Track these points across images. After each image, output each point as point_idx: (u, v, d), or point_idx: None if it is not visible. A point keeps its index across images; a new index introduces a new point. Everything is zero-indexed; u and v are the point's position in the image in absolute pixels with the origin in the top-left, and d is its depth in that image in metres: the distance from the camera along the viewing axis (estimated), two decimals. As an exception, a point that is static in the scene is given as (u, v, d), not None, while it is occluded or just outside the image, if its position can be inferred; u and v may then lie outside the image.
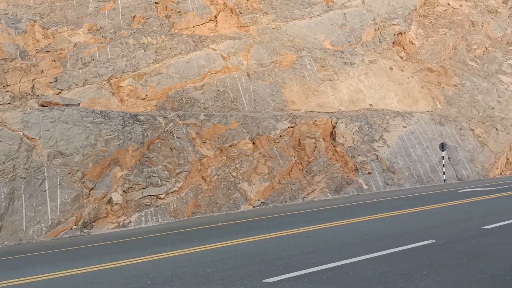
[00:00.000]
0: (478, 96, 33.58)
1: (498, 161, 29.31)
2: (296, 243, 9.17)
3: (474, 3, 45.19)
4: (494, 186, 19.67)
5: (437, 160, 26.10)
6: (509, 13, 46.68)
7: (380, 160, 24.79)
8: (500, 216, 10.48)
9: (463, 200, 14.71)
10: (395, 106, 29.73)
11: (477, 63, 38.15)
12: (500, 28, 44.39)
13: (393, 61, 33.22)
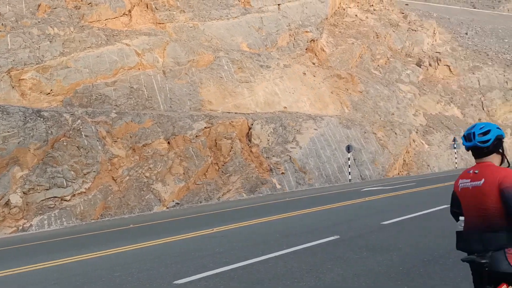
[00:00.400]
0: (380, 103, 36.39)
1: (396, 162, 32.02)
2: (210, 243, 9.19)
3: (378, 16, 48.97)
4: (393, 185, 21.47)
5: (343, 161, 27.80)
6: (408, 27, 51.37)
7: (293, 161, 25.76)
8: (397, 212, 11.48)
9: (365, 198, 15.85)
10: (308, 110, 31.10)
11: (380, 72, 41.37)
12: (400, 41, 48.62)
13: (306, 66, 34.72)
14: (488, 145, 2.83)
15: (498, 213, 2.72)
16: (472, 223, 2.85)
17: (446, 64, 48.63)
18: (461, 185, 2.96)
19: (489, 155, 2.86)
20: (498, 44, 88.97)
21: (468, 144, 2.90)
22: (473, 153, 2.93)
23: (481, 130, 2.84)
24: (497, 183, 2.70)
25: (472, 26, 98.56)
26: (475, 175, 2.86)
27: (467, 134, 2.92)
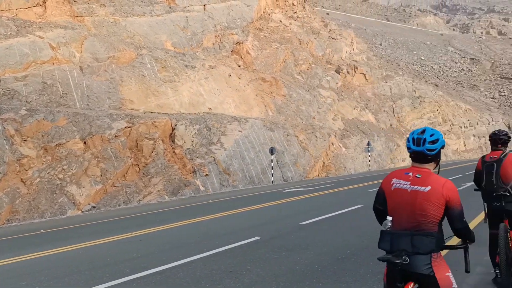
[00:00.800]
0: (302, 107, 37.71)
1: (316, 164, 33.36)
2: (128, 248, 8.83)
3: (301, 23, 50.74)
4: (313, 186, 22.32)
5: (267, 163, 28.35)
6: (329, 35, 53.86)
7: (217, 163, 25.72)
8: (315, 213, 11.94)
9: (287, 199, 16.29)
10: (232, 111, 31.26)
11: (302, 77, 42.88)
12: (321, 48, 50.81)
13: (231, 68, 34.90)
14: (434, 153, 2.93)
15: (436, 220, 2.83)
16: (403, 224, 2.87)
17: (362, 72, 51.73)
18: (395, 185, 2.96)
19: (430, 162, 2.96)
20: (408, 56, 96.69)
21: (416, 148, 2.92)
22: (416, 157, 2.96)
23: (432, 138, 2.91)
24: (441, 192, 2.81)
25: (386, 37, 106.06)
26: (417, 179, 2.89)
27: (417, 139, 2.92)
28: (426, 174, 2.90)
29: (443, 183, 2.85)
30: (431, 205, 2.80)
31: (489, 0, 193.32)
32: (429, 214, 2.81)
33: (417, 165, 2.98)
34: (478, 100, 75.66)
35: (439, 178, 2.89)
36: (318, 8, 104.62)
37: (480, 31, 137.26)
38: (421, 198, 2.82)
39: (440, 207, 2.82)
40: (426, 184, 2.85)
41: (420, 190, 2.84)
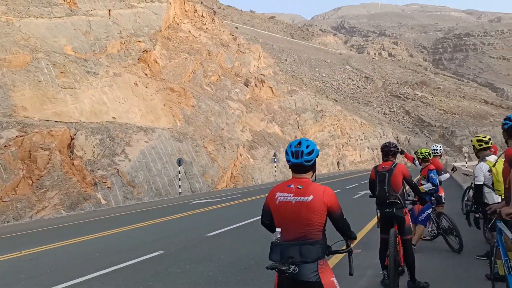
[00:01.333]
0: (211, 118, 37.85)
1: (225, 175, 33.61)
2: (16, 268, 8.04)
3: (210, 35, 51.14)
4: (220, 197, 22.42)
5: (174, 174, 27.85)
6: (237, 49, 55.01)
7: (121, 175, 24.62)
8: (221, 224, 12.00)
9: (193, 211, 16.14)
10: (139, 121, 30.27)
11: (212, 88, 43.12)
12: (230, 60, 51.67)
13: (138, 76, 33.85)
14: (312, 163, 3.13)
15: (320, 227, 2.99)
16: (291, 235, 2.98)
17: (269, 86, 53.62)
18: (280, 199, 3.08)
19: (309, 172, 3.15)
20: (311, 72, 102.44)
21: (295, 161, 3.09)
22: (295, 169, 3.13)
23: (308, 149, 3.10)
24: (322, 200, 2.99)
25: (291, 54, 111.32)
26: (299, 190, 3.02)
27: (295, 152, 3.09)
28: (306, 184, 3.09)
29: (322, 190, 3.06)
30: (315, 213, 2.97)
31: (381, 25, 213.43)
32: (314, 223, 2.98)
33: (297, 176, 3.16)
34: (371, 115, 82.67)
35: (319, 186, 3.09)
36: (227, 21, 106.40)
37: (373, 52, 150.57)
38: (305, 208, 2.97)
39: (323, 213, 3.02)
40: (308, 194, 3.02)
41: (304, 200, 3.00)
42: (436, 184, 7.57)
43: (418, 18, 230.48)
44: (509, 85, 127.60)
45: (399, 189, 5.63)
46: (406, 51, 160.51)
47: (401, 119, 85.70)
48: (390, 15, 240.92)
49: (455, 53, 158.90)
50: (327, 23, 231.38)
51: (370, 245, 7.89)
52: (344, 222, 3.15)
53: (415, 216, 7.39)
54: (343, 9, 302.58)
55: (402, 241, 5.61)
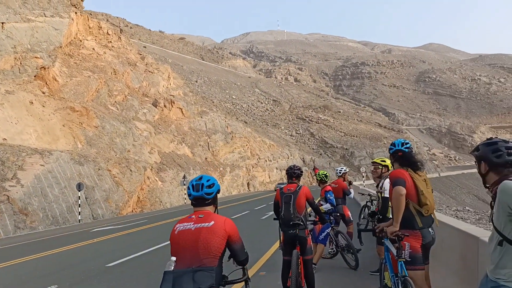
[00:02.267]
0: (116, 139, 36.20)
1: (130, 200, 32.14)
2: None
3: (116, 53, 49.43)
4: (125, 223, 21.32)
5: (74, 200, 25.93)
6: (145, 68, 53.79)
7: (12, 202, 22.30)
8: (124, 252, 11.37)
9: (94, 239, 15.11)
10: (33, 143, 27.87)
11: (117, 108, 41.42)
12: (137, 80, 50.27)
13: (34, 95, 31.33)
14: (212, 196, 3.26)
15: (217, 253, 3.02)
16: (186, 262, 2.98)
17: (179, 107, 53.04)
18: (179, 228, 3.11)
19: (209, 205, 3.27)
20: (221, 94, 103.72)
21: (196, 193, 3.21)
22: (196, 202, 3.24)
23: (208, 183, 3.23)
24: (223, 227, 3.08)
25: (201, 75, 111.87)
26: (200, 218, 3.11)
27: (195, 185, 3.22)
28: (208, 214, 3.20)
29: (224, 219, 3.17)
30: (215, 237, 3.03)
31: (287, 51, 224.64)
32: (212, 247, 3.01)
33: (199, 209, 3.26)
34: (279, 137, 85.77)
35: (220, 216, 3.21)
36: (135, 40, 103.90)
37: (280, 77, 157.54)
38: (205, 232, 3.03)
39: (223, 240, 3.07)
40: (210, 220, 3.11)
41: (204, 226, 3.07)
42: (334, 204, 8.01)
43: (320, 46, 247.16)
44: (399, 110, 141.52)
45: (302, 210, 5.85)
46: (310, 77, 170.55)
47: (307, 140, 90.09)
48: (295, 42, 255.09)
49: (353, 80, 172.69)
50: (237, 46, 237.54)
51: (275, 267, 8.02)
52: (246, 255, 3.25)
53: (316, 235, 7.71)
54: (251, 34, 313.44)
55: (303, 262, 5.79)
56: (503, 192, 2.69)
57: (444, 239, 5.64)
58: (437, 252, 5.57)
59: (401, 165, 4.64)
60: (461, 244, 5.10)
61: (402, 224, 4.35)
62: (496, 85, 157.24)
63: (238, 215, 20.26)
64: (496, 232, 2.75)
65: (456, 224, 5.63)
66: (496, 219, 2.76)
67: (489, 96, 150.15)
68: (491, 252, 2.81)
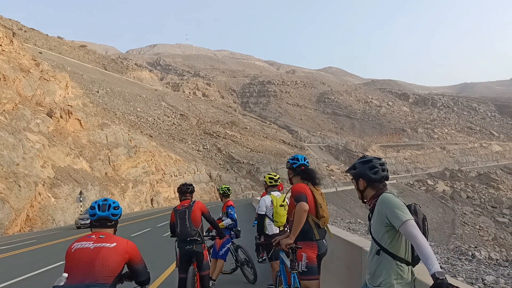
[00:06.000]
0: (3, 151, 32.78)
1: (18, 218, 29.21)
2: None
3: (7, 57, 45.17)
4: (11, 244, 19.29)
5: None
6: (40, 75, 49.76)
7: None
8: (8, 276, 10.26)
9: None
10: None
11: (6, 117, 37.64)
12: (31, 88, 46.27)
13: None
14: (116, 218, 3.34)
15: (114, 273, 3.03)
16: (79, 278, 2.95)
17: (77, 118, 49.79)
18: (76, 246, 3.10)
19: (111, 228, 3.30)
20: (125, 106, 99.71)
21: (102, 213, 3.25)
22: (99, 223, 3.24)
23: (114, 204, 3.34)
24: (125, 249, 3.13)
25: (103, 85, 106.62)
26: (101, 239, 3.12)
27: (102, 205, 3.27)
28: (109, 235, 3.22)
29: (126, 241, 3.22)
30: (115, 257, 3.05)
31: (195, 66, 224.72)
32: (110, 266, 3.01)
33: (98, 230, 3.26)
34: (186, 151, 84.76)
35: (122, 238, 3.24)
36: (30, 45, 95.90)
37: (188, 91, 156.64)
38: (105, 251, 3.04)
39: (122, 261, 3.10)
40: (112, 241, 3.13)
41: (106, 246, 3.08)
42: (234, 219, 8.13)
43: (228, 63, 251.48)
44: (302, 128, 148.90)
45: (198, 225, 5.87)
46: (218, 93, 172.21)
47: (214, 156, 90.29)
48: (203, 57, 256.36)
49: (259, 97, 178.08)
50: (143, 58, 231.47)
51: (173, 285, 7.85)
52: (148, 274, 3.31)
53: (216, 251, 7.74)
54: (159, 46, 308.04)
55: (200, 277, 5.78)
56: (383, 203, 2.98)
57: (334, 250, 6.03)
58: (327, 263, 5.93)
59: (302, 179, 4.79)
60: (347, 254, 5.47)
61: (299, 236, 4.49)
62: (385, 108, 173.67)
63: (139, 233, 19.51)
64: (374, 242, 3.04)
65: (344, 236, 6.04)
66: (374, 230, 3.04)
67: (379, 117, 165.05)
68: (368, 262, 3.09)
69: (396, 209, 2.89)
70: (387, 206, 2.94)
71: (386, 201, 2.97)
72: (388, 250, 2.94)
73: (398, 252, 2.94)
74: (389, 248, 2.94)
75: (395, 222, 2.86)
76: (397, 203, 2.93)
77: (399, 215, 2.85)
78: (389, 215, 2.90)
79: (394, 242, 2.94)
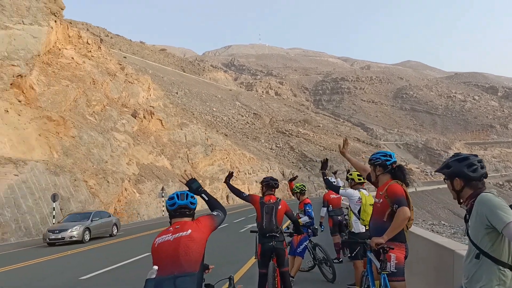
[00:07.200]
0: (94, 150, 35.58)
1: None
2: None
3: (96, 62, 48.90)
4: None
5: (48, 211, 25.27)
6: (125, 78, 53.31)
7: (-18, 212, 21.59)
8: (98, 265, 11.10)
9: (67, 252, 14.72)
10: (7, 152, 27.15)
11: (95, 118, 40.82)
12: (117, 90, 49.73)
13: (9, 103, 30.60)
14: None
15: (198, 257, 3.11)
16: (168, 270, 3.03)
17: (158, 118, 52.63)
18: (158, 241, 3.19)
19: (189, 217, 3.34)
20: (201, 106, 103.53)
21: (181, 202, 3.32)
22: (179, 212, 3.32)
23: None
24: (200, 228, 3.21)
25: (182, 87, 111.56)
26: (177, 229, 3.18)
27: (180, 194, 3.35)
28: (183, 223, 3.26)
29: (196, 222, 3.29)
30: (194, 243, 3.11)
31: (268, 65, 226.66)
32: (192, 253, 3.08)
33: (178, 219, 3.31)
34: (259, 150, 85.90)
35: (192, 222, 3.31)
36: (115, 50, 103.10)
37: (261, 90, 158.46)
38: (184, 240, 3.11)
39: (202, 244, 3.18)
40: (187, 228, 3.18)
41: (183, 234, 3.14)
42: (312, 217, 8.03)
43: (300, 61, 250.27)
44: (377, 125, 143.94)
45: (281, 222, 5.89)
46: (290, 91, 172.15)
47: (286, 154, 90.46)
48: (276, 56, 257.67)
49: (332, 95, 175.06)
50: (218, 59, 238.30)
51: (253, 280, 7.95)
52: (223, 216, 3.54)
53: (294, 248, 7.71)
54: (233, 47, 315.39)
55: (281, 274, 5.77)
56: (482, 204, 2.73)
57: (418, 251, 5.72)
58: (411, 264, 5.65)
59: (393, 178, 4.49)
60: (435, 256, 5.18)
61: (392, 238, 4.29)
62: (470, 103, 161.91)
63: (217, 228, 20.07)
64: (473, 245, 2.80)
65: (431, 237, 5.72)
66: (473, 232, 2.80)
67: (464, 113, 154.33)
68: (466, 265, 2.86)
69: (498, 209, 2.63)
70: (487, 207, 2.69)
71: (486, 202, 2.72)
72: (489, 254, 2.69)
73: (501, 256, 2.68)
74: (490, 252, 2.69)
75: (498, 224, 2.60)
76: (499, 203, 2.67)
77: (502, 216, 2.59)
78: (490, 217, 2.65)
79: (496, 245, 2.69)
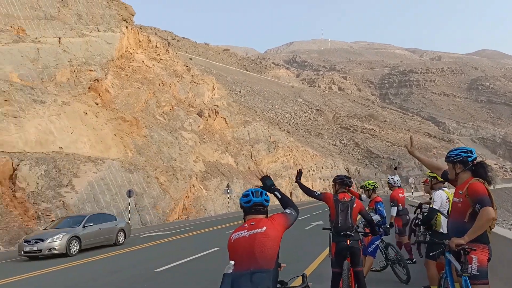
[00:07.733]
0: (164, 148, 37.27)
1: (177, 207, 32.89)
2: None
3: (164, 65, 51.06)
4: (171, 230, 21.84)
5: (124, 206, 26.91)
6: (191, 79, 55.16)
7: (67, 207, 23.46)
8: (172, 258, 11.65)
9: (143, 244, 15.57)
10: (87, 151, 29.25)
11: (165, 118, 42.69)
12: (184, 91, 51.62)
13: (88, 106, 32.93)
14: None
15: (273, 254, 3.12)
16: (244, 266, 3.08)
17: (223, 117, 53.89)
18: (234, 237, 3.25)
19: (263, 214, 3.41)
20: (264, 104, 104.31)
21: (256, 199, 3.38)
22: (254, 209, 3.38)
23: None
24: (275, 227, 3.24)
25: (245, 85, 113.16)
26: (252, 225, 3.23)
27: (255, 192, 3.42)
28: (258, 220, 3.31)
29: (270, 220, 3.32)
30: (269, 240, 3.15)
31: (331, 60, 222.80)
32: (267, 250, 3.11)
33: (253, 216, 3.37)
34: (323, 146, 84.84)
35: (267, 219, 3.34)
36: (182, 52, 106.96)
37: (324, 86, 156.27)
38: (260, 237, 3.15)
39: (277, 240, 3.20)
40: (261, 225, 3.22)
41: (258, 231, 3.19)
42: (383, 216, 7.82)
43: (365, 54, 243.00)
44: (449, 119, 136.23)
45: (356, 221, 5.79)
46: (354, 86, 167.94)
47: (351, 150, 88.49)
48: (339, 51, 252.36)
49: (400, 88, 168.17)
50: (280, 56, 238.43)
51: (322, 278, 7.93)
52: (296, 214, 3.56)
53: (365, 247, 7.55)
54: (295, 43, 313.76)
55: (355, 273, 5.66)
56: None
57: (504, 253, 5.37)
58: (496, 267, 5.31)
59: (475, 176, 4.19)
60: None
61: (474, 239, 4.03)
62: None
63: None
64: None
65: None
66: None
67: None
68: None
69: None
70: None
71: None
72: None
73: None
74: None
75: None
76: None
77: None
78: None
79: None
